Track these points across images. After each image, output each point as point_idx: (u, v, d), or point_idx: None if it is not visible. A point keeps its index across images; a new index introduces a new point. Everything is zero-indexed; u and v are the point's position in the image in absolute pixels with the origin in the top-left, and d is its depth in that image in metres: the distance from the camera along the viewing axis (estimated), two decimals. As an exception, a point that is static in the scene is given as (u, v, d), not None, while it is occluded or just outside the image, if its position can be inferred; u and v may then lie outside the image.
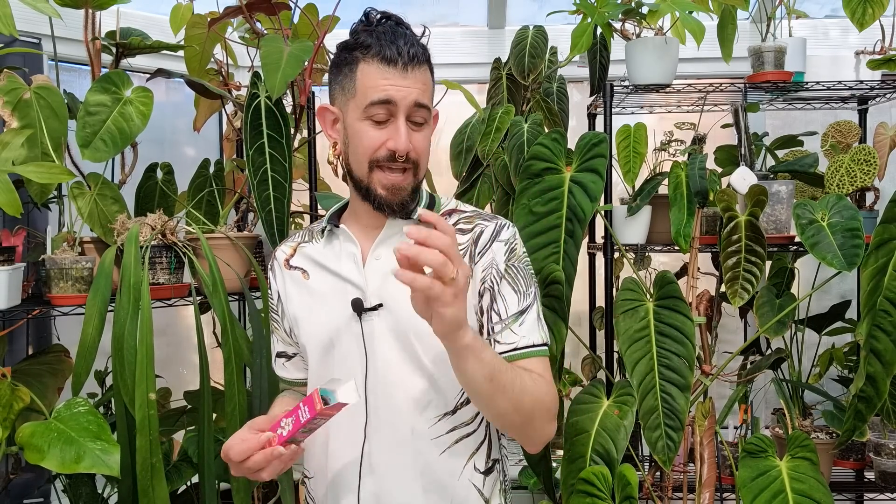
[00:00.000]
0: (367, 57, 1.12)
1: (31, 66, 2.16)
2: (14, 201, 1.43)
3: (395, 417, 1.15)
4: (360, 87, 1.13)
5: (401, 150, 1.12)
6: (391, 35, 1.13)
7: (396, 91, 1.11)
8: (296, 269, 1.26)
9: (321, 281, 1.23)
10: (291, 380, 1.33)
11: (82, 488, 1.81)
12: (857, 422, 1.76)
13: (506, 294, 1.17)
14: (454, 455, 1.17)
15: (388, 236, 1.19)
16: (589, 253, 2.39)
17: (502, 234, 1.20)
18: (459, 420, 1.17)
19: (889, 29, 2.19)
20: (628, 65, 2.06)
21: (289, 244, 1.30)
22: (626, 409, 1.68)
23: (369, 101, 1.12)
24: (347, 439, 1.18)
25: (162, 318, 2.46)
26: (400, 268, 0.90)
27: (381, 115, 1.12)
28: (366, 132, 1.13)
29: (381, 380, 1.16)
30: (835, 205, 1.79)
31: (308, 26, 2.08)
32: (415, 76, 1.13)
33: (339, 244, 1.23)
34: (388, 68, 1.11)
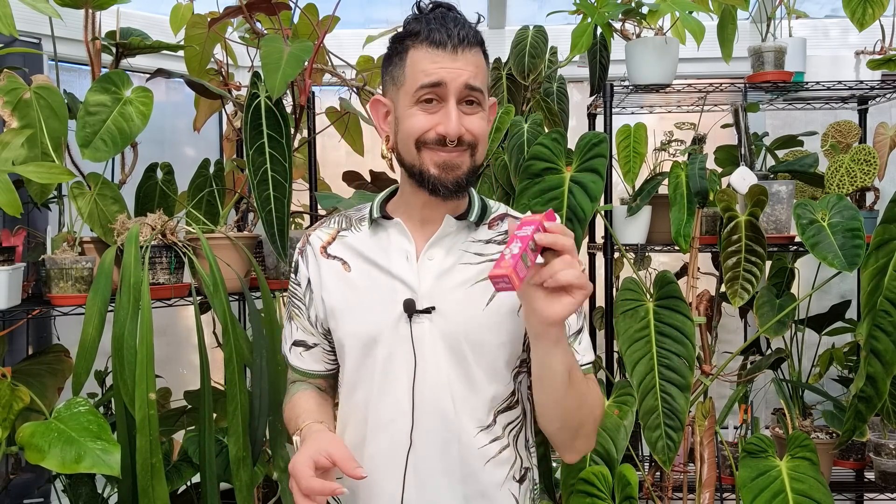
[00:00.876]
0: (417, 43, 1.09)
1: (31, 66, 2.16)
2: (14, 201, 1.43)
3: (442, 425, 1.12)
4: (409, 73, 1.09)
5: (451, 135, 1.08)
6: (441, 20, 1.09)
7: (447, 73, 1.07)
8: (335, 259, 1.19)
9: (365, 275, 1.16)
10: (307, 370, 1.27)
11: (82, 488, 1.81)
12: (857, 422, 1.76)
13: None
14: (498, 465, 1.14)
15: (443, 235, 1.14)
16: (589, 253, 2.39)
17: None
18: (495, 434, 1.15)
19: (889, 29, 2.19)
20: (628, 65, 2.06)
21: (325, 230, 1.23)
22: (626, 409, 1.68)
23: (419, 84, 1.08)
24: (391, 444, 1.14)
25: (162, 318, 2.46)
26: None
27: (432, 100, 1.08)
28: (414, 117, 1.09)
29: (430, 385, 1.12)
30: (835, 205, 1.79)
31: (308, 26, 2.08)
32: (466, 58, 1.09)
33: (389, 238, 1.16)
34: (438, 51, 1.08)
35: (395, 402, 1.13)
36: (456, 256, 1.14)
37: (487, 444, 1.13)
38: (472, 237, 1.16)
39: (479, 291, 1.12)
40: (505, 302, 1.12)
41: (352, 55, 2.30)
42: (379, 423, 1.14)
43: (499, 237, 1.17)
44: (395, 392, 1.13)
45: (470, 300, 1.12)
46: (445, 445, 1.12)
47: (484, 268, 1.13)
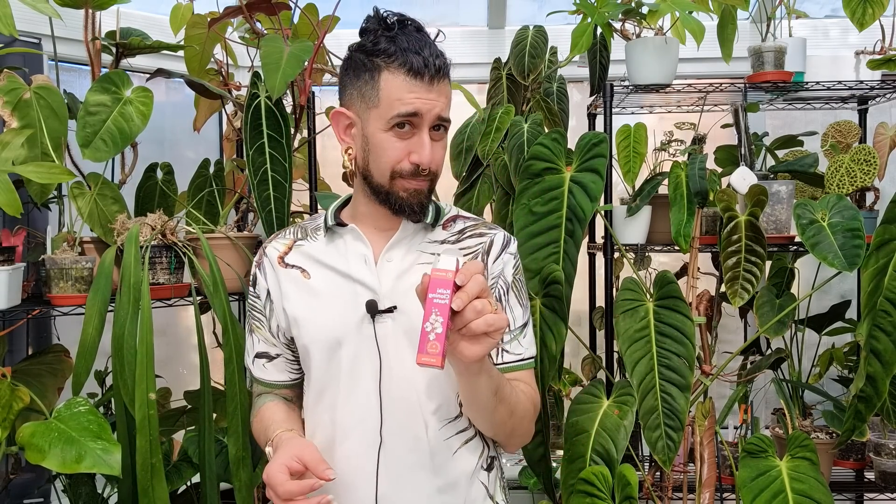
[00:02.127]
0: (392, 66, 1.11)
1: (31, 66, 2.16)
2: (14, 201, 1.43)
3: (411, 420, 1.15)
4: (384, 97, 1.11)
5: (425, 164, 1.13)
6: (416, 44, 1.11)
7: (423, 104, 1.11)
8: (293, 268, 1.23)
9: (325, 280, 1.20)
10: (271, 381, 1.30)
11: (82, 488, 1.81)
12: (857, 422, 1.76)
13: (514, 306, 1.22)
14: (466, 454, 1.19)
15: (401, 238, 1.19)
16: (589, 253, 2.39)
17: (511, 247, 1.24)
18: (461, 426, 1.19)
19: (889, 29, 2.19)
20: (628, 65, 2.06)
21: (281, 241, 1.26)
22: (626, 409, 1.68)
23: (395, 113, 1.11)
24: (362, 443, 1.16)
25: (162, 318, 2.46)
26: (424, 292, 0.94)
27: (406, 128, 1.12)
28: (390, 144, 1.13)
29: (396, 382, 1.15)
30: (835, 205, 1.79)
31: (308, 26, 2.08)
32: (440, 89, 1.13)
33: (346, 244, 1.21)
34: (415, 81, 1.10)
35: (363, 402, 1.16)
36: (414, 257, 1.19)
37: (454, 434, 1.18)
38: (429, 238, 1.21)
39: None
40: None
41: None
42: (348, 424, 1.17)
43: (453, 237, 1.23)
44: (362, 392, 1.16)
45: None
46: (415, 440, 1.15)
47: None
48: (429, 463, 1.16)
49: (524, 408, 1.17)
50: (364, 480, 1.16)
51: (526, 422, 1.18)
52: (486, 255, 1.21)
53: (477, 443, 1.20)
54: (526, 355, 1.22)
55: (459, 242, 1.22)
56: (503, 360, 1.21)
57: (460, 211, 1.29)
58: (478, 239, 1.23)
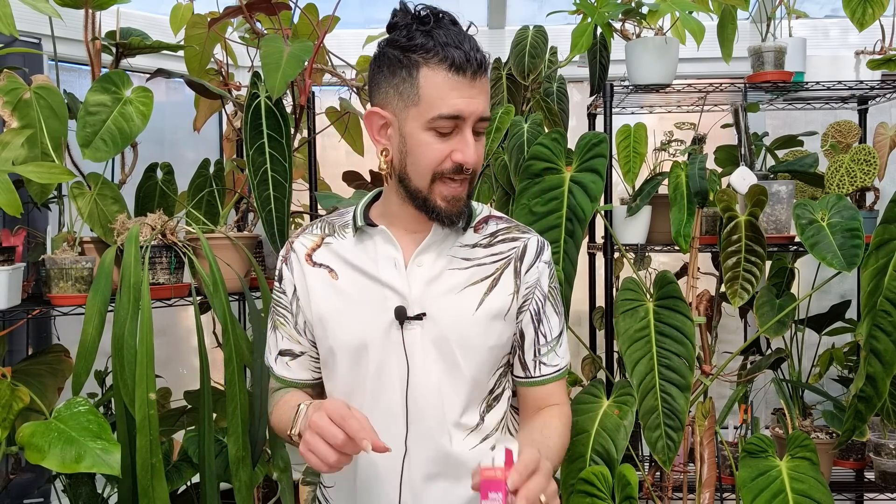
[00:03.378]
0: (432, 62, 1.05)
1: (31, 66, 2.16)
2: (14, 201, 1.43)
3: (436, 429, 1.12)
4: (425, 95, 1.05)
5: (469, 164, 1.08)
6: (455, 38, 1.06)
7: (466, 105, 1.06)
8: (321, 267, 1.18)
9: (352, 283, 1.15)
10: (294, 380, 1.24)
11: (82, 488, 1.81)
12: (857, 422, 1.76)
13: (550, 316, 1.20)
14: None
15: (432, 243, 1.14)
16: (589, 253, 2.39)
17: (545, 254, 1.20)
18: (485, 432, 1.16)
19: (889, 29, 2.19)
20: (628, 65, 2.06)
21: (309, 237, 1.21)
22: (626, 409, 1.68)
23: (438, 113, 1.05)
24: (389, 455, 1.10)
25: (162, 318, 2.46)
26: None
27: (448, 128, 1.07)
28: (431, 145, 1.07)
29: (422, 391, 1.12)
30: (835, 205, 1.79)
31: (308, 26, 2.08)
32: (481, 86, 1.08)
33: (375, 246, 1.15)
34: (458, 78, 1.05)
35: (388, 409, 1.13)
36: (445, 262, 1.15)
37: (479, 443, 1.15)
38: (460, 242, 1.17)
39: (468, 296, 1.14)
40: (493, 306, 1.15)
41: (352, 55, 2.30)
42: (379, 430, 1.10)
43: (484, 240, 1.18)
44: (388, 399, 1.13)
45: (460, 305, 1.13)
46: (440, 450, 1.13)
47: (472, 273, 1.15)
48: (453, 473, 1.13)
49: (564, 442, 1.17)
50: (389, 488, 1.14)
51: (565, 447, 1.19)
52: (518, 262, 1.17)
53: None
54: (562, 365, 1.21)
55: (491, 247, 1.18)
56: (541, 372, 1.20)
57: (492, 210, 1.24)
58: (510, 244, 1.18)
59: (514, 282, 1.16)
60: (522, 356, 1.20)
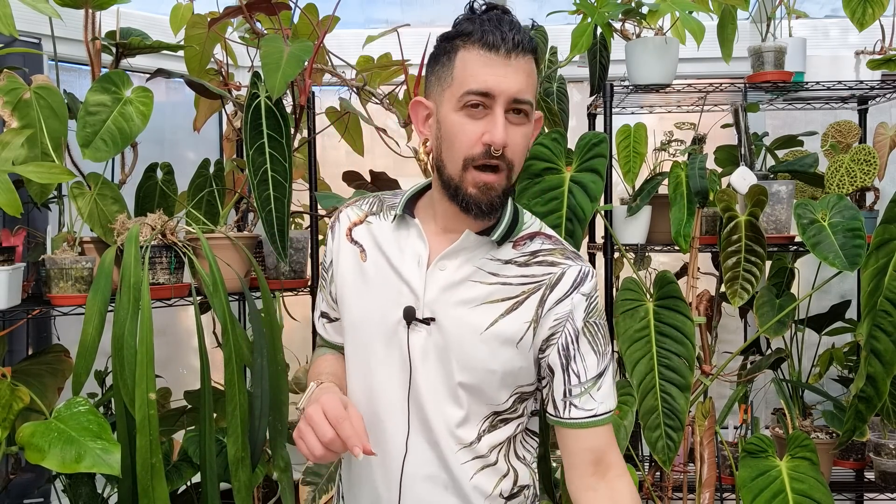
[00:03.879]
0: (468, 44, 1.04)
1: (31, 66, 2.16)
2: (14, 201, 1.43)
3: (434, 436, 1.11)
4: (457, 75, 1.04)
5: (497, 144, 1.02)
6: (496, 21, 1.04)
7: (496, 80, 1.02)
8: (355, 244, 1.17)
9: (377, 269, 1.14)
10: (331, 341, 1.27)
11: (82, 488, 1.80)
12: (858, 422, 1.76)
13: (585, 353, 1.11)
14: (482, 480, 1.13)
15: (459, 248, 1.10)
16: (589, 253, 2.39)
17: (585, 287, 1.11)
18: (478, 452, 1.13)
19: (889, 29, 2.19)
20: (628, 65, 2.06)
21: (356, 211, 1.20)
22: (626, 409, 1.68)
23: (466, 89, 1.03)
24: (388, 449, 1.13)
25: (162, 318, 2.46)
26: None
27: (479, 106, 1.03)
28: (461, 125, 1.04)
29: (422, 394, 1.11)
30: (835, 205, 1.79)
31: (308, 26, 2.08)
32: (518, 65, 1.03)
33: (408, 237, 1.14)
34: (490, 54, 1.02)
35: (390, 407, 1.12)
36: (468, 272, 1.11)
37: (469, 460, 1.12)
38: (492, 255, 1.12)
39: (482, 313, 1.09)
40: (505, 331, 1.09)
41: (352, 55, 2.30)
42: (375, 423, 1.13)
43: (521, 258, 1.12)
44: (390, 396, 1.12)
45: (470, 320, 1.09)
46: (436, 457, 1.12)
47: (494, 290, 1.10)
48: (447, 480, 1.12)
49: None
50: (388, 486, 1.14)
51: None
52: (548, 291, 1.10)
53: (497, 470, 1.14)
54: (599, 410, 1.11)
55: (526, 267, 1.11)
56: (571, 415, 1.11)
57: (545, 227, 1.18)
58: (547, 269, 1.11)
59: (535, 311, 1.10)
60: (552, 393, 1.13)
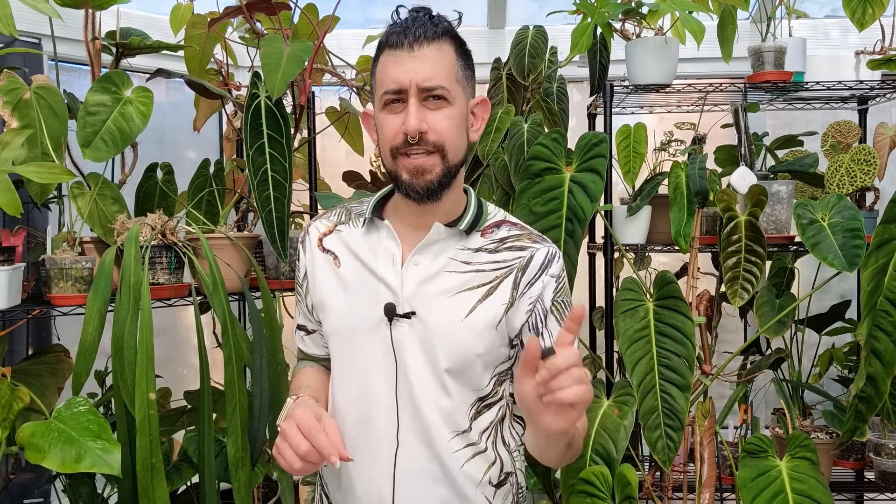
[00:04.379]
0: (383, 50, 1.11)
1: (31, 66, 2.16)
2: (14, 201, 1.43)
3: (422, 427, 1.14)
4: (378, 79, 1.12)
5: (410, 130, 1.07)
6: (403, 23, 1.10)
7: (402, 73, 1.08)
8: (328, 253, 1.21)
9: (353, 273, 1.18)
10: (311, 354, 1.30)
11: (82, 488, 1.81)
12: (858, 422, 1.76)
13: (552, 330, 1.16)
14: (473, 468, 1.16)
15: (431, 241, 1.14)
16: (589, 253, 2.39)
17: (553, 268, 1.17)
18: (471, 439, 1.16)
19: (889, 29, 2.19)
20: (628, 65, 2.06)
21: (324, 221, 1.25)
22: (626, 409, 1.68)
23: (384, 89, 1.10)
24: (379, 443, 1.15)
25: (162, 318, 2.46)
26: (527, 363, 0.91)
27: (395, 102, 1.09)
28: (384, 121, 1.11)
29: (410, 388, 1.13)
30: (835, 205, 1.79)
31: (308, 26, 2.08)
32: (423, 54, 1.08)
33: (379, 239, 1.18)
34: (397, 52, 1.09)
35: (378, 403, 1.15)
36: (442, 263, 1.15)
37: (462, 448, 1.15)
38: (462, 245, 1.16)
39: (460, 301, 1.13)
40: (484, 315, 1.13)
41: (352, 55, 2.30)
42: (365, 422, 1.16)
43: (491, 245, 1.17)
44: (377, 393, 1.15)
45: (450, 309, 1.13)
46: (426, 447, 1.14)
47: (469, 278, 1.14)
48: (438, 471, 1.14)
49: (581, 434, 1.13)
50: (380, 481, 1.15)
51: (579, 448, 1.14)
52: (520, 273, 1.15)
53: (486, 457, 1.17)
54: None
55: (496, 253, 1.16)
56: None
57: (509, 216, 1.23)
58: (517, 253, 1.16)
59: (510, 293, 1.14)
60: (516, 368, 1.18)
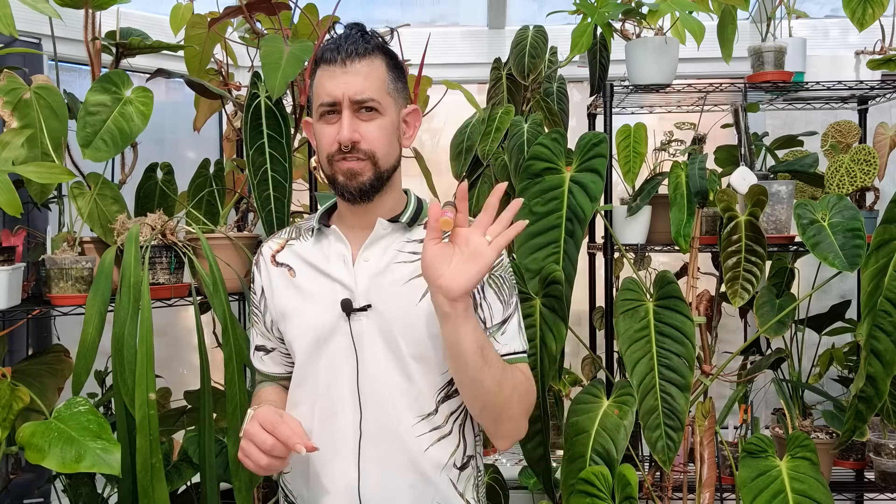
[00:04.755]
0: (319, 67, 1.21)
1: (31, 66, 2.16)
2: (14, 201, 1.43)
3: (385, 415, 1.20)
4: (315, 93, 1.21)
5: (343, 140, 1.16)
6: (336, 41, 1.20)
7: (335, 87, 1.17)
8: (282, 266, 1.29)
9: (309, 279, 1.26)
10: (269, 373, 1.37)
11: (82, 488, 1.81)
12: (858, 422, 1.76)
13: (491, 302, 1.23)
14: (437, 451, 1.21)
15: (377, 237, 1.23)
16: (589, 253, 2.39)
17: None
18: (436, 423, 1.21)
19: (889, 29, 2.19)
20: (628, 65, 2.06)
21: (276, 240, 1.33)
22: (626, 409, 1.68)
23: (319, 102, 1.19)
24: (343, 435, 1.21)
25: (162, 318, 2.46)
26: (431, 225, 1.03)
27: (331, 114, 1.19)
28: (321, 131, 1.21)
29: (371, 378, 1.20)
30: (835, 205, 1.79)
31: (308, 26, 2.08)
32: (356, 69, 1.17)
33: (329, 244, 1.26)
34: (331, 68, 1.18)
35: (341, 397, 1.21)
36: (391, 256, 1.23)
37: (427, 432, 1.21)
38: (408, 237, 1.25)
39: (413, 288, 1.20)
40: None
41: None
42: (328, 416, 1.21)
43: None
44: (340, 387, 1.21)
45: (403, 296, 1.20)
46: (390, 435, 1.20)
47: (417, 266, 1.18)
48: (402, 457, 1.20)
49: (515, 385, 1.16)
50: (348, 471, 1.20)
51: (515, 402, 1.17)
52: None
53: (451, 440, 1.23)
54: (503, 351, 1.21)
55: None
56: None
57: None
58: None
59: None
60: None
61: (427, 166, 2.13)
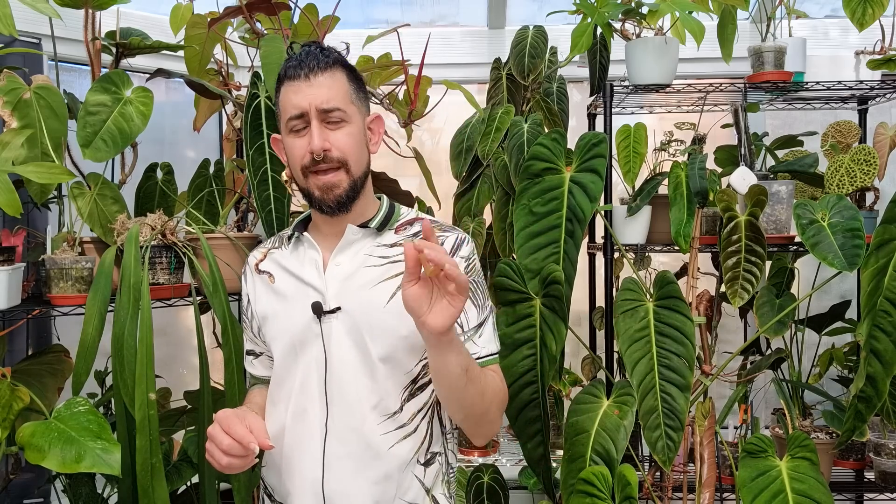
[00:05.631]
0: (283, 83, 1.26)
1: (31, 66, 2.16)
2: (14, 201, 1.43)
3: (350, 414, 1.24)
4: (281, 108, 1.27)
5: (315, 149, 1.21)
6: (300, 56, 1.25)
7: (302, 99, 1.22)
8: (264, 273, 1.36)
9: (285, 285, 1.32)
10: (259, 376, 1.43)
11: (82, 488, 1.81)
12: (857, 422, 1.76)
13: (466, 308, 1.26)
14: (401, 449, 1.25)
15: (348, 243, 1.28)
16: (589, 253, 2.39)
17: (463, 250, 1.29)
18: (401, 421, 1.25)
19: (889, 29, 2.19)
20: (628, 65, 2.06)
21: (260, 250, 1.41)
22: (626, 409, 1.68)
23: (287, 116, 1.24)
24: (310, 433, 1.26)
25: (162, 319, 2.46)
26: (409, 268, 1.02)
27: (299, 126, 1.24)
28: (291, 144, 1.26)
29: (337, 378, 1.25)
30: (835, 205, 1.79)
31: (308, 26, 2.08)
32: (319, 81, 1.22)
33: (304, 251, 1.32)
34: (295, 83, 1.23)
35: (310, 396, 1.26)
36: (361, 261, 1.28)
37: (392, 430, 1.25)
38: (378, 242, 1.30)
39: (381, 290, 1.25)
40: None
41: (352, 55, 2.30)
42: (299, 414, 1.27)
43: (404, 239, 1.30)
44: (310, 386, 1.26)
45: (372, 299, 1.25)
46: (354, 433, 1.24)
47: (386, 269, 1.26)
48: (365, 455, 1.24)
49: (494, 391, 1.23)
50: (312, 467, 1.25)
51: (495, 407, 1.24)
52: None
53: (416, 438, 1.26)
54: (481, 353, 1.27)
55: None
56: None
57: (421, 214, 1.37)
58: None
59: None
60: None
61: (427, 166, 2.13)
